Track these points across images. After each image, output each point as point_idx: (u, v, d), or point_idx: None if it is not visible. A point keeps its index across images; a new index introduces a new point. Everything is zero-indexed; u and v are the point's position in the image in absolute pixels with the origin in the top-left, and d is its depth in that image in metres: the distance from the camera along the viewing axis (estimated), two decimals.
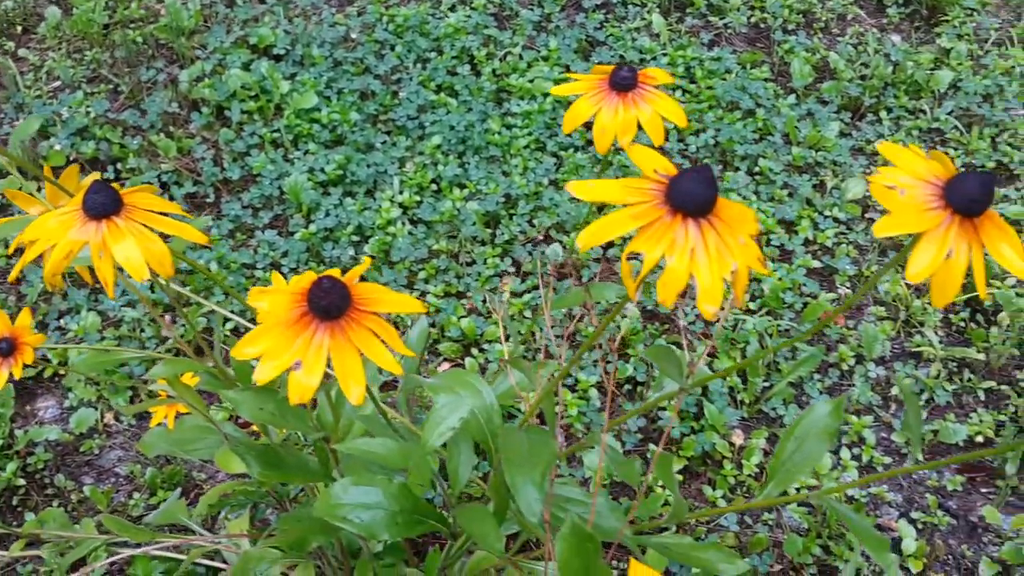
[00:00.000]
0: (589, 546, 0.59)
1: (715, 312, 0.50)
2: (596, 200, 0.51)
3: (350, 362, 0.50)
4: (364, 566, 1.06)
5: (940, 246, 0.52)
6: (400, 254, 1.73)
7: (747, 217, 0.52)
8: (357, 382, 0.50)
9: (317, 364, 0.50)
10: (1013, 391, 1.54)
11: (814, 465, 0.73)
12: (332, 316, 0.51)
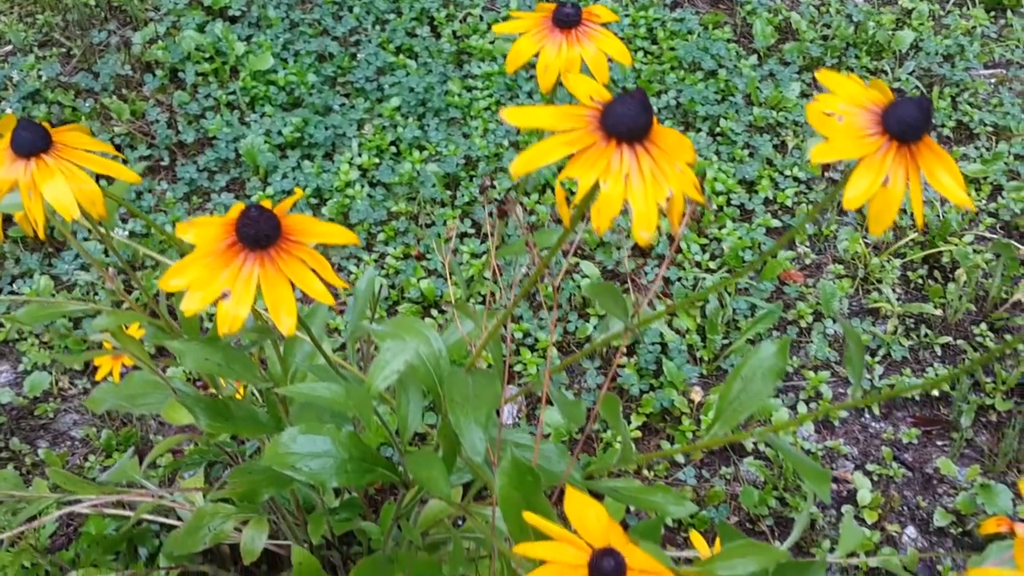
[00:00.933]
0: (529, 479, 0.58)
1: (649, 238, 0.50)
2: (530, 126, 0.50)
3: (281, 292, 0.50)
4: (317, 520, 1.05)
5: (877, 172, 0.52)
6: (359, 216, 1.71)
7: (684, 145, 0.52)
8: (288, 312, 0.49)
9: (246, 294, 0.49)
10: (969, 346, 1.56)
11: (760, 404, 0.73)
12: (261, 245, 0.49)
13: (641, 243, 0.49)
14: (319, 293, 0.50)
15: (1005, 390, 1.48)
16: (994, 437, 1.44)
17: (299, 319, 0.80)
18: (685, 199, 0.52)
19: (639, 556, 0.47)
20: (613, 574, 0.46)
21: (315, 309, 0.88)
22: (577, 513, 0.49)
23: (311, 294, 0.50)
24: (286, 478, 0.95)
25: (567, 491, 0.50)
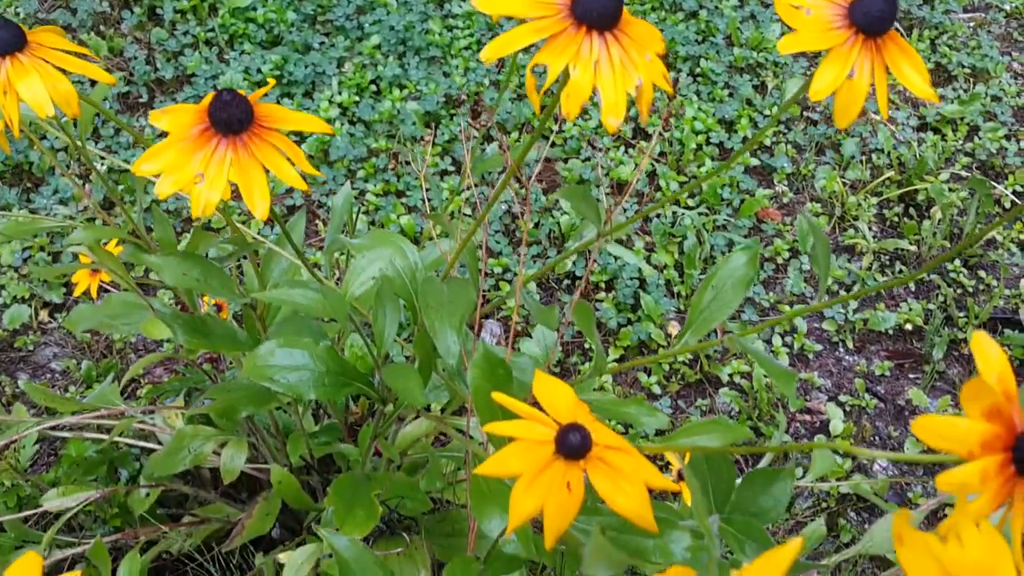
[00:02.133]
0: (500, 372, 0.59)
1: (617, 125, 0.50)
2: (501, 13, 0.51)
3: (254, 176, 0.50)
4: (296, 440, 1.06)
5: (843, 64, 0.53)
6: (338, 153, 1.71)
7: (654, 35, 0.52)
8: (262, 196, 0.50)
9: (219, 178, 0.49)
10: (943, 281, 1.58)
11: (730, 311, 0.74)
12: (233, 130, 0.50)
13: (610, 130, 0.50)
14: (292, 179, 0.50)
15: (977, 324, 1.50)
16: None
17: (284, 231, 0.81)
18: (654, 88, 0.52)
19: (604, 432, 0.48)
20: (578, 448, 0.47)
21: (295, 223, 0.89)
22: (545, 394, 0.50)
23: (284, 179, 0.50)
24: (265, 395, 0.96)
25: (536, 375, 0.51)
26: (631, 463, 0.48)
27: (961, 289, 1.57)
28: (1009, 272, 1.60)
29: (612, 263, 1.57)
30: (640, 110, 0.52)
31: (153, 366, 1.46)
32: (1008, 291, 1.56)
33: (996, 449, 0.36)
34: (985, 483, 0.35)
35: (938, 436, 0.36)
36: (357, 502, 0.91)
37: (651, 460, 0.48)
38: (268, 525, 1.00)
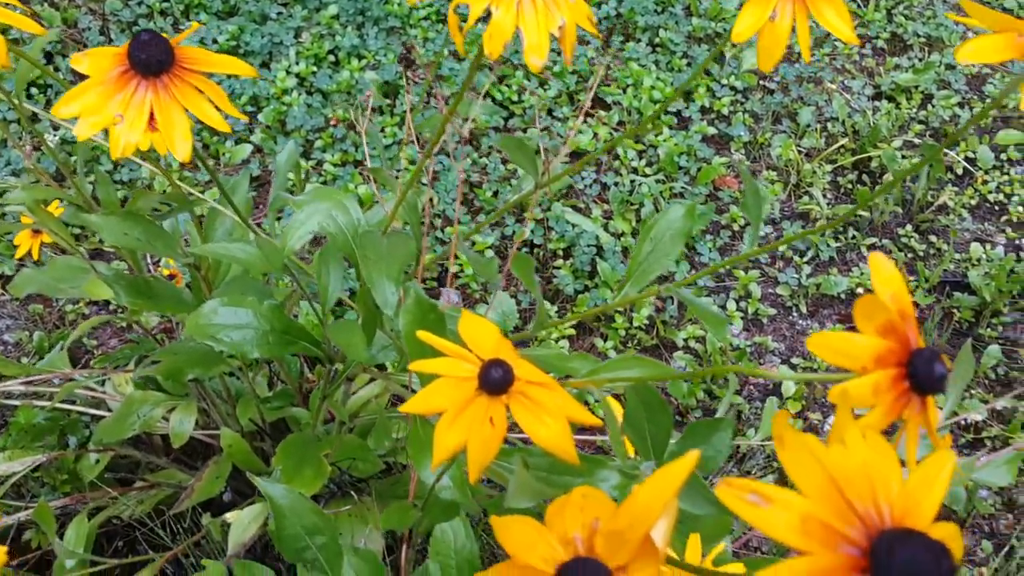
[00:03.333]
0: (432, 317, 0.60)
1: (541, 65, 0.51)
2: None
3: (175, 118, 0.50)
4: (247, 403, 1.07)
5: (764, 7, 0.53)
6: (296, 123, 1.70)
7: None
8: (183, 137, 0.50)
9: (139, 119, 0.49)
10: (895, 246, 1.60)
11: (668, 263, 0.75)
12: (153, 71, 0.50)
13: (534, 70, 0.50)
14: (214, 120, 0.50)
15: (927, 287, 1.52)
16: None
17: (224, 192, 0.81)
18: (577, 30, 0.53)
19: (527, 368, 0.49)
20: (500, 382, 0.47)
21: (237, 183, 0.88)
22: (470, 332, 0.50)
23: (206, 120, 0.50)
24: (212, 358, 0.96)
25: (462, 314, 0.51)
26: (553, 398, 0.49)
27: (912, 254, 1.59)
28: (959, 237, 1.62)
29: (570, 231, 1.57)
30: (564, 52, 0.53)
31: (108, 337, 1.46)
32: (958, 255, 1.58)
33: (890, 365, 0.37)
34: (878, 396, 0.36)
35: (832, 351, 0.37)
36: (305, 461, 0.91)
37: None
38: (217, 488, 1.00)
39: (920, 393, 0.37)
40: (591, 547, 0.36)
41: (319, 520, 0.62)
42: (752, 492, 0.30)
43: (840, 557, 0.30)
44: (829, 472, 0.31)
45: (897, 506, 0.32)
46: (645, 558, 0.35)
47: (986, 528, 1.29)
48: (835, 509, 0.30)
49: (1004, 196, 1.69)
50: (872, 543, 0.30)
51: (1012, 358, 1.46)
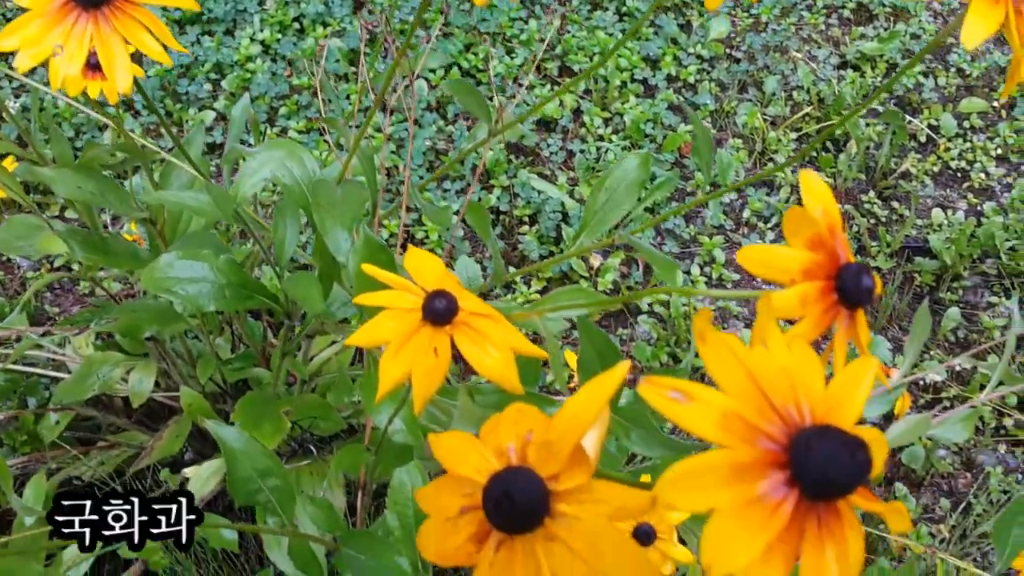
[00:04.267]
0: (382, 257, 0.60)
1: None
2: None
3: (115, 50, 0.49)
4: (207, 362, 1.06)
5: None
6: (260, 90, 1.68)
7: None
8: (124, 69, 0.49)
9: (78, 51, 0.49)
10: (858, 212, 1.61)
11: (623, 212, 0.75)
12: (93, 3, 0.49)
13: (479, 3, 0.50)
14: (155, 53, 0.50)
15: (889, 252, 1.54)
16: (877, 296, 1.50)
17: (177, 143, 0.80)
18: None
19: (472, 300, 0.49)
20: (444, 312, 0.48)
21: (192, 137, 0.88)
22: (415, 265, 0.50)
23: (147, 52, 0.50)
24: (170, 315, 0.96)
25: (408, 248, 0.51)
26: (498, 329, 0.49)
27: (874, 219, 1.60)
28: (921, 203, 1.64)
29: (536, 197, 1.57)
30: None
31: (70, 304, 1.45)
32: (920, 221, 1.60)
33: (818, 277, 0.37)
34: (806, 307, 0.37)
35: (761, 264, 0.37)
36: (264, 417, 0.91)
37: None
38: (177, 447, 1.00)
39: (848, 306, 0.38)
40: (524, 458, 0.36)
41: (271, 463, 0.62)
42: (674, 389, 0.30)
43: (759, 452, 0.30)
44: (750, 372, 0.31)
45: (819, 407, 0.32)
46: (576, 467, 0.35)
47: (945, 487, 1.31)
48: (755, 407, 0.31)
49: (966, 163, 1.70)
50: (791, 440, 0.31)
51: (972, 321, 1.48)
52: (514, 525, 0.34)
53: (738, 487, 0.30)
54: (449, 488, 0.37)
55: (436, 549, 0.37)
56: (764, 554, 0.30)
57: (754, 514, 0.29)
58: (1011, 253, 1.53)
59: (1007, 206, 1.62)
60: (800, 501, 0.30)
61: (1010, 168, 1.70)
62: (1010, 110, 1.80)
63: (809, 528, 0.31)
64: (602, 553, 0.34)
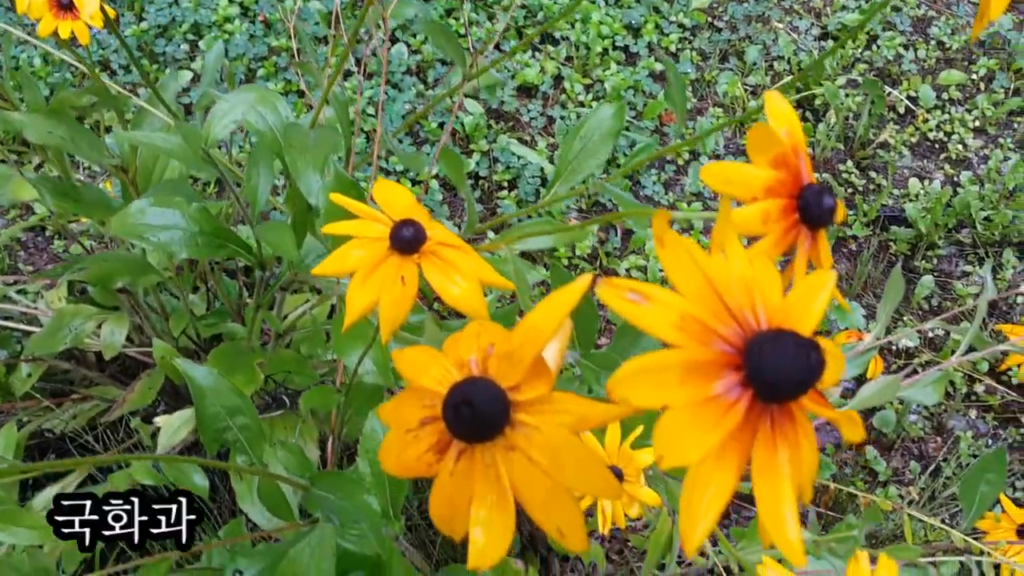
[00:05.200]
0: (353, 193, 0.60)
1: None
2: None
3: None
4: (180, 316, 1.06)
5: None
6: (237, 51, 1.67)
7: None
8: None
9: None
10: (836, 181, 1.62)
11: (598, 161, 0.75)
12: None
13: None
14: None
15: (865, 221, 1.55)
16: (852, 264, 1.51)
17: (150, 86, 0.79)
18: None
19: (440, 231, 0.49)
20: (411, 240, 0.48)
21: (166, 82, 0.87)
22: (384, 195, 0.50)
23: None
24: (143, 266, 0.95)
25: (377, 180, 0.51)
26: (465, 259, 0.49)
27: (852, 188, 1.61)
28: (899, 173, 1.65)
29: (515, 162, 1.57)
30: None
31: (44, 263, 1.44)
32: (897, 191, 1.61)
33: (781, 196, 0.38)
34: (767, 225, 0.37)
35: (724, 180, 0.37)
36: (237, 368, 0.91)
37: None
38: (149, 399, 1.00)
39: (810, 226, 0.38)
40: (485, 369, 0.36)
41: (240, 401, 0.62)
42: (632, 291, 0.31)
43: (714, 353, 0.30)
44: (708, 277, 0.31)
45: (775, 315, 0.32)
46: (537, 378, 0.35)
47: (915, 451, 1.33)
48: (712, 310, 0.31)
49: (944, 135, 1.71)
50: (746, 343, 0.31)
51: (946, 289, 1.49)
52: (473, 433, 0.34)
53: (692, 386, 0.30)
54: (410, 400, 0.37)
55: (396, 460, 0.37)
56: (718, 453, 0.31)
57: (707, 413, 0.30)
58: (986, 223, 1.54)
59: (983, 177, 1.63)
60: (754, 403, 0.31)
61: (987, 140, 1.71)
62: (988, 83, 1.81)
63: (762, 429, 0.31)
64: (562, 463, 0.34)
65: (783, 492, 0.30)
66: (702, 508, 0.30)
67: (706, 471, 0.30)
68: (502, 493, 0.35)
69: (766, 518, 0.30)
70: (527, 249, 0.59)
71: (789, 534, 0.30)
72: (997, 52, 1.87)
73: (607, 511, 0.66)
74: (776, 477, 0.31)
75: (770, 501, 0.30)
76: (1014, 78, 1.82)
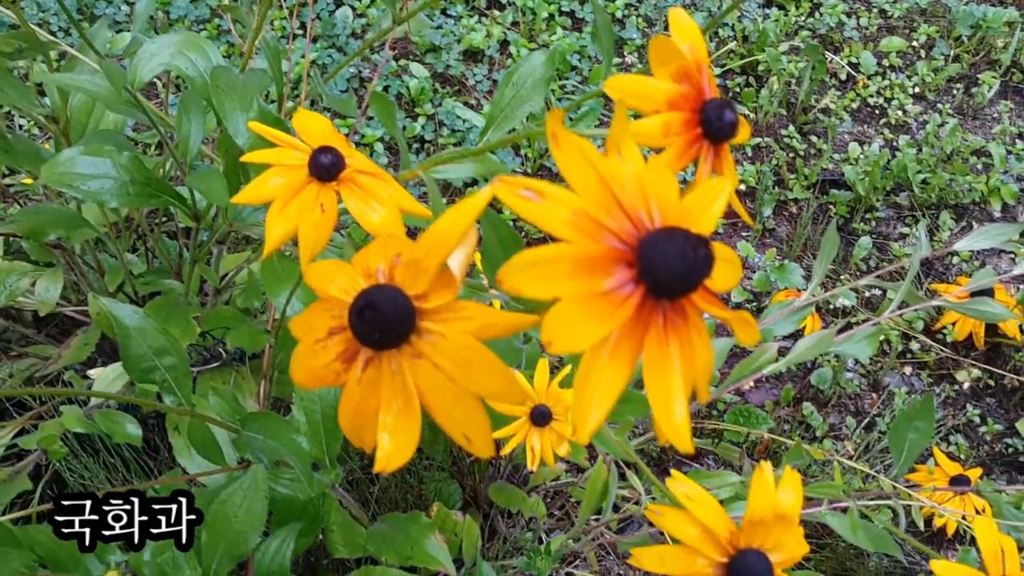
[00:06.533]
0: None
1: None
2: None
3: None
4: (115, 272, 1.05)
5: None
6: (179, 12, 1.64)
7: None
8: None
9: None
10: (778, 145, 1.64)
11: (530, 109, 0.76)
12: None
13: None
14: None
15: (806, 184, 1.57)
16: (792, 226, 1.54)
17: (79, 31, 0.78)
18: None
19: (360, 159, 0.49)
20: (330, 167, 0.48)
21: (96, 30, 0.86)
22: (303, 124, 0.50)
23: None
24: (76, 220, 0.94)
25: (298, 110, 0.51)
26: (384, 187, 0.49)
27: (793, 153, 1.63)
28: (839, 138, 1.67)
29: (460, 125, 1.57)
30: None
31: None
32: (837, 155, 1.63)
33: (683, 109, 0.38)
34: (669, 137, 0.38)
35: (627, 93, 0.38)
36: (172, 319, 0.90)
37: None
38: (85, 354, 0.99)
39: (712, 140, 0.39)
40: (391, 278, 0.36)
41: (167, 341, 0.61)
42: (527, 188, 0.31)
43: (607, 248, 0.31)
44: (602, 176, 0.32)
45: (671, 217, 0.33)
46: (443, 286, 0.36)
47: (852, 407, 1.36)
48: (606, 208, 0.32)
49: (884, 100, 1.74)
50: (639, 240, 0.32)
51: (883, 251, 1.52)
52: (377, 337, 0.35)
53: (584, 280, 0.30)
54: (319, 311, 0.37)
55: (305, 370, 0.37)
56: (612, 350, 0.31)
57: (599, 306, 0.30)
58: (923, 186, 1.57)
59: (921, 141, 1.66)
60: (646, 299, 0.31)
61: (926, 106, 1.74)
62: (929, 50, 1.85)
63: (654, 326, 0.32)
64: (467, 369, 0.35)
65: (672, 383, 0.31)
66: (595, 399, 0.31)
67: (599, 365, 0.31)
68: (408, 400, 0.36)
69: (656, 406, 0.31)
70: (446, 178, 0.59)
71: (676, 418, 0.31)
72: (938, 20, 1.90)
73: (536, 448, 0.67)
74: (666, 369, 0.31)
75: (659, 391, 0.31)
76: (954, 45, 1.85)
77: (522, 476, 1.23)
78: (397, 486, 1.07)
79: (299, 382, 0.38)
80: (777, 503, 0.42)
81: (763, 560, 0.41)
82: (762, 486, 0.42)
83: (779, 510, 0.42)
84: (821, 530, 1.15)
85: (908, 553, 1.18)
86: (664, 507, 0.44)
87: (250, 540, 0.66)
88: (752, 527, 0.42)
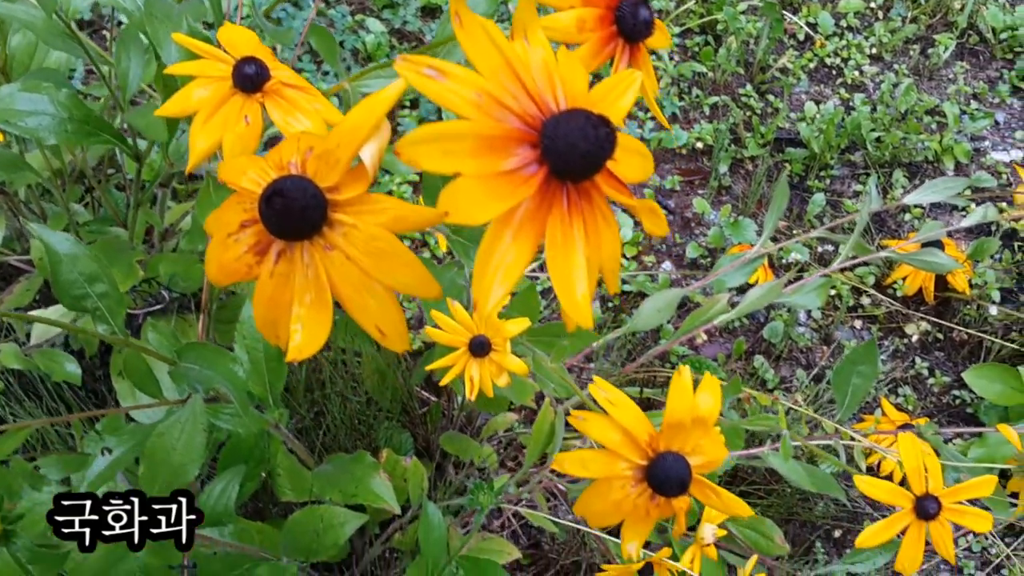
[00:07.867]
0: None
1: None
2: None
3: None
4: (58, 218, 1.04)
5: None
6: None
7: None
8: None
9: None
10: (735, 104, 1.64)
11: None
12: None
13: None
14: None
15: (762, 143, 1.58)
16: (748, 183, 1.55)
17: None
18: None
19: (285, 71, 0.49)
20: (254, 78, 0.47)
21: None
22: (230, 38, 0.50)
23: None
24: (17, 163, 0.93)
25: (224, 24, 0.51)
26: (310, 100, 0.49)
27: (750, 111, 1.64)
28: (795, 97, 1.68)
29: None
30: None
31: None
32: (793, 114, 1.64)
33: (598, 5, 0.38)
34: (583, 33, 0.38)
35: None
36: (114, 262, 0.89)
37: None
38: (28, 299, 0.98)
39: (627, 39, 0.39)
40: (303, 171, 0.36)
41: (98, 267, 0.61)
42: (430, 67, 0.31)
43: (509, 128, 0.31)
44: (508, 58, 0.32)
45: (579, 104, 0.33)
46: (355, 179, 0.36)
47: (803, 360, 1.37)
48: (510, 89, 0.32)
49: (841, 60, 1.75)
50: (544, 121, 0.32)
51: (837, 208, 1.53)
52: (286, 225, 0.35)
53: (486, 158, 0.30)
54: (232, 205, 0.37)
55: (218, 264, 0.37)
56: (515, 232, 0.31)
57: (500, 184, 0.30)
58: (877, 144, 1.59)
59: (877, 100, 1.67)
60: (550, 180, 0.32)
61: (883, 66, 1.76)
62: (886, 11, 1.86)
63: (557, 207, 0.32)
64: (379, 261, 0.35)
65: (575, 261, 0.31)
66: (497, 278, 0.31)
67: (501, 245, 0.31)
68: (320, 291, 0.36)
69: (557, 285, 0.31)
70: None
71: (577, 295, 0.31)
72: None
73: (475, 378, 0.67)
74: (569, 249, 0.32)
75: (562, 270, 0.31)
76: (911, 6, 1.86)
77: (475, 428, 1.23)
78: (347, 434, 1.07)
79: (212, 278, 0.37)
80: (695, 406, 0.42)
81: (681, 461, 0.42)
82: (680, 389, 0.43)
83: (697, 413, 0.42)
84: (769, 476, 1.16)
85: (853, 499, 1.20)
86: (586, 412, 0.44)
87: (189, 472, 0.66)
88: (671, 430, 0.43)
